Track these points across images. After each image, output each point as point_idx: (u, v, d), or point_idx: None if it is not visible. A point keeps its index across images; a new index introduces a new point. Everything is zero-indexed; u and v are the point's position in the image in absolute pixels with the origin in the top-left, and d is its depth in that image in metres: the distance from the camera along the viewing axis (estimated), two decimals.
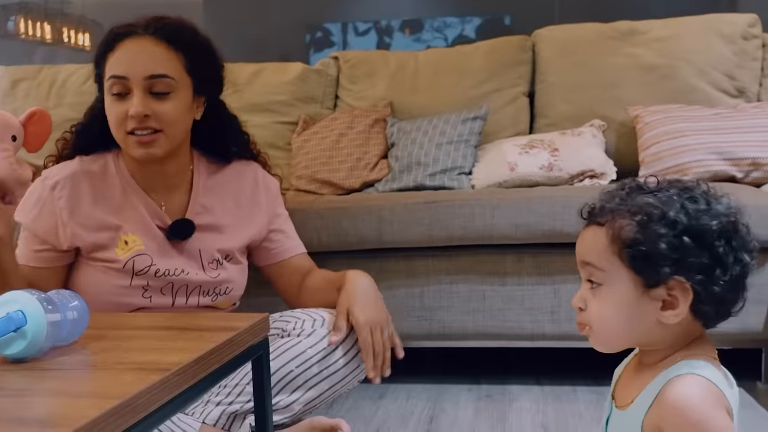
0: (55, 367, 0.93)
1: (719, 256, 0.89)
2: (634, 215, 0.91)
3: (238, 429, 1.53)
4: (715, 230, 0.89)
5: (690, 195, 0.91)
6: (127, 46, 1.50)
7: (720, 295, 0.90)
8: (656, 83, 2.56)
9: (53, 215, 1.53)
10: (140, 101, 1.47)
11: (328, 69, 2.88)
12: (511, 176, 2.28)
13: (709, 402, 0.87)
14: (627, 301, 0.93)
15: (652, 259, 0.89)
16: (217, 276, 1.60)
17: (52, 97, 2.93)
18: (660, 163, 2.23)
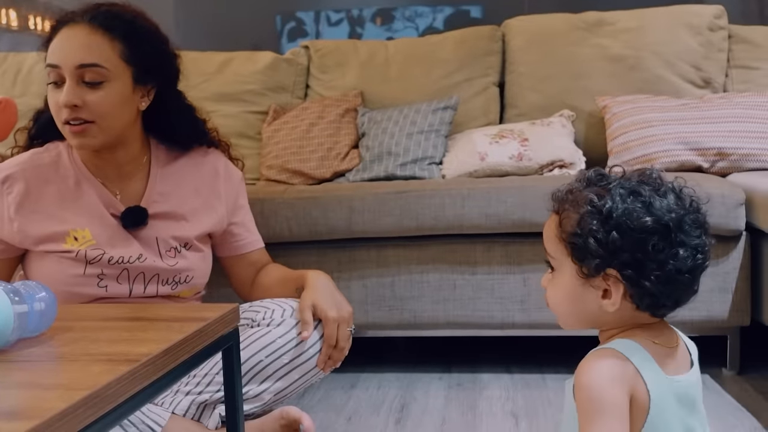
0: (23, 358, 0.93)
1: (651, 252, 0.91)
2: (579, 207, 0.95)
3: (208, 419, 1.53)
4: (649, 227, 0.91)
5: (636, 189, 0.93)
6: (63, 34, 1.47)
7: (652, 289, 0.92)
8: (624, 74, 2.59)
9: (1, 209, 1.51)
10: (69, 91, 1.44)
11: (299, 58, 2.87)
12: (481, 166, 2.29)
13: (605, 374, 0.90)
14: (571, 287, 0.98)
15: (585, 251, 0.94)
16: (175, 264, 1.57)
17: (18, 86, 2.89)
18: (628, 153, 2.26)
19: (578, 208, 0.95)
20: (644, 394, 0.91)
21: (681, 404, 0.94)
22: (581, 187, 0.98)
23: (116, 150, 1.54)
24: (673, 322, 1.00)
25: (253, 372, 1.52)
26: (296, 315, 1.55)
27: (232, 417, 1.20)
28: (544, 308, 2.04)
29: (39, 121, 1.61)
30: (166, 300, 1.59)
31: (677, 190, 0.96)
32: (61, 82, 1.46)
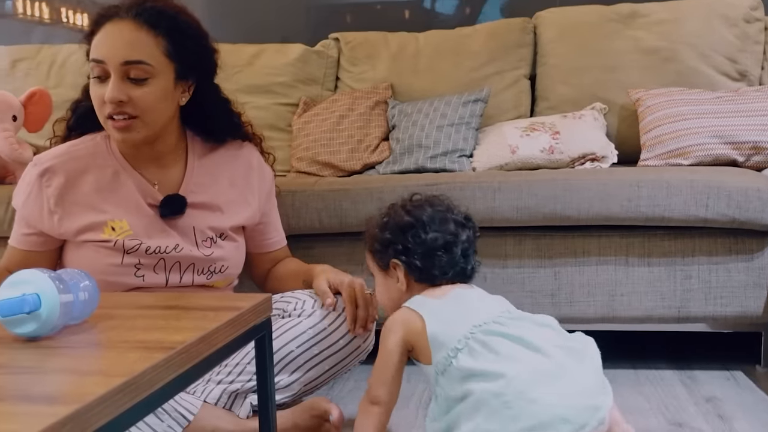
0: (64, 345, 0.94)
1: (410, 238, 1.34)
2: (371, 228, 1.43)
3: (239, 408, 1.54)
4: (406, 222, 1.35)
5: (403, 204, 1.40)
6: (107, 29, 1.48)
7: (421, 266, 1.34)
8: (658, 66, 2.55)
9: (40, 202, 1.54)
10: (115, 87, 1.45)
11: (329, 50, 2.87)
12: (512, 159, 2.28)
13: (388, 327, 1.30)
14: (382, 284, 1.43)
15: (376, 251, 1.40)
16: (211, 253, 1.59)
17: (52, 77, 2.92)
18: (661, 147, 2.23)
19: (371, 226, 1.42)
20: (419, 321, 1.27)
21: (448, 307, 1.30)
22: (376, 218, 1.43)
23: (155, 142, 1.56)
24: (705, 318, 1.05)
25: (284, 362, 1.53)
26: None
27: (264, 406, 1.21)
28: (575, 302, 2.03)
29: (77, 112, 1.63)
30: (201, 289, 1.61)
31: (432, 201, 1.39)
32: (105, 77, 1.47)
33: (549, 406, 1.12)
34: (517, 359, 1.18)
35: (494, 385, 1.15)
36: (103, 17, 1.50)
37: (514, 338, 1.22)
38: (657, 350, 2.27)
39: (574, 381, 1.18)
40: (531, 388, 1.14)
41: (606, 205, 1.94)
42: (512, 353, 1.19)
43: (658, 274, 1.99)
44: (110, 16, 1.49)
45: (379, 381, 1.30)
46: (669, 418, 1.73)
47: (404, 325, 1.29)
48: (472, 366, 1.19)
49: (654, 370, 2.08)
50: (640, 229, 1.99)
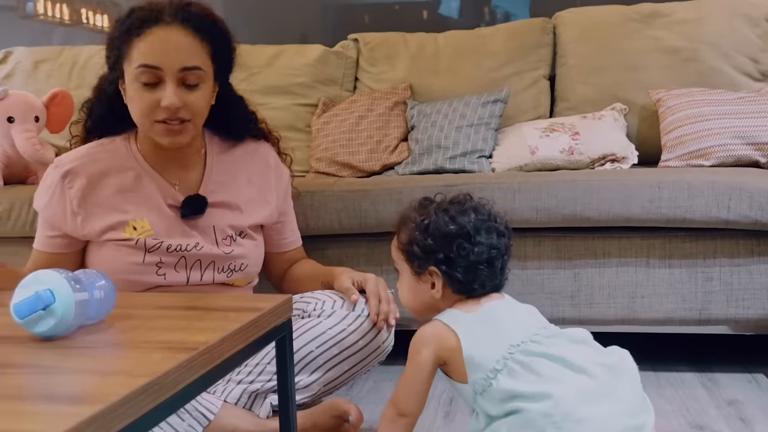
0: (84, 345, 0.95)
1: (455, 250, 1.26)
2: (408, 224, 1.33)
3: (259, 407, 1.55)
4: (452, 232, 1.27)
5: (444, 208, 1.30)
6: (157, 35, 1.47)
7: (461, 277, 1.27)
8: (679, 66, 2.54)
9: (63, 203, 1.55)
10: (174, 93, 1.46)
11: (348, 51, 2.88)
12: (531, 160, 2.27)
13: (420, 340, 1.26)
14: (411, 284, 1.35)
15: (413, 255, 1.31)
16: (231, 251, 1.60)
17: (74, 78, 2.95)
18: (682, 147, 2.21)
19: (408, 225, 1.33)
20: (454, 339, 1.23)
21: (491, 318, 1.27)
22: (411, 211, 1.35)
23: (183, 145, 1.57)
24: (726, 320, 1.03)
25: (303, 362, 1.53)
26: (346, 306, 1.55)
27: (285, 406, 1.21)
28: (594, 304, 2.02)
29: (93, 115, 1.63)
30: (221, 288, 1.62)
31: (477, 207, 1.31)
32: (155, 82, 1.47)
33: (595, 427, 1.13)
34: (560, 380, 1.17)
35: (541, 405, 1.14)
36: (147, 22, 1.47)
37: (555, 358, 1.20)
38: (678, 352, 2.25)
39: (618, 399, 1.17)
40: (577, 408, 1.14)
41: (627, 207, 1.93)
42: (555, 374, 1.18)
43: (679, 276, 1.97)
44: (156, 21, 1.47)
45: (409, 393, 1.28)
46: (690, 421, 1.72)
47: (438, 340, 1.26)
48: (513, 387, 1.18)
49: (675, 372, 2.06)
50: (661, 231, 1.97)
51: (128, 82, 1.51)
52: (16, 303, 0.94)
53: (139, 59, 1.47)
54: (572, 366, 1.18)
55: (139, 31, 1.47)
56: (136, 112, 1.51)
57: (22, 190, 2.27)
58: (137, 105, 1.50)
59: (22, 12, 7.48)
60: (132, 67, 1.48)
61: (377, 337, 1.56)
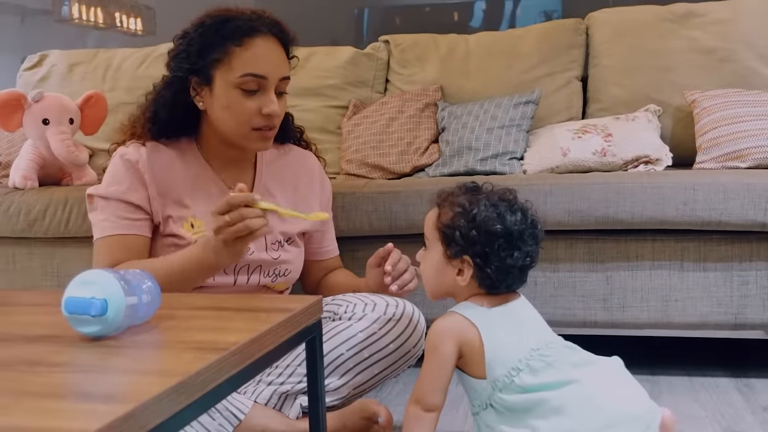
0: (124, 344, 0.96)
1: (495, 249, 1.27)
2: (454, 207, 1.31)
3: (289, 408, 1.55)
4: (498, 231, 1.27)
5: (494, 203, 1.29)
6: (261, 45, 1.52)
7: (492, 276, 1.28)
8: (714, 67, 2.50)
9: (143, 187, 1.56)
10: (275, 101, 1.52)
11: (379, 53, 2.88)
12: (563, 162, 2.25)
13: (442, 332, 1.28)
14: (438, 263, 1.34)
15: (452, 240, 1.30)
16: (278, 257, 1.63)
17: (108, 81, 2.98)
18: (718, 149, 2.18)
19: (454, 208, 1.31)
20: (475, 334, 1.26)
21: (511, 321, 1.29)
22: (459, 193, 1.34)
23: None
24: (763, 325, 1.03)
25: (333, 365, 1.53)
26: (378, 309, 1.55)
27: (315, 408, 1.21)
28: (627, 307, 2.00)
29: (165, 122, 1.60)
30: (262, 291, 1.64)
31: (524, 210, 1.31)
32: (255, 90, 1.51)
33: (623, 405, 1.20)
34: (581, 369, 1.23)
35: (569, 389, 1.20)
36: (248, 31, 1.51)
37: (572, 357, 1.26)
38: (712, 357, 2.22)
39: (635, 386, 1.26)
40: (604, 387, 1.21)
41: (660, 209, 1.91)
42: (574, 368, 1.24)
43: (714, 280, 1.95)
44: (256, 31, 1.52)
45: (434, 388, 1.29)
46: (725, 427, 1.70)
47: (459, 333, 1.27)
48: (537, 382, 1.21)
49: (709, 377, 2.03)
50: (696, 234, 1.95)
51: (224, 88, 1.52)
52: (68, 297, 0.95)
53: (245, 68, 1.50)
54: (587, 361, 1.26)
55: (240, 40, 1.51)
56: (232, 119, 1.53)
57: (57, 191, 2.30)
58: (236, 112, 1.52)
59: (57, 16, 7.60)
60: (233, 75, 1.50)
61: (408, 341, 1.55)
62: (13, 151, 2.64)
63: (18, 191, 2.36)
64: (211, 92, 1.54)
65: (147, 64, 2.98)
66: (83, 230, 2.23)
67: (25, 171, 2.39)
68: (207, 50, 1.52)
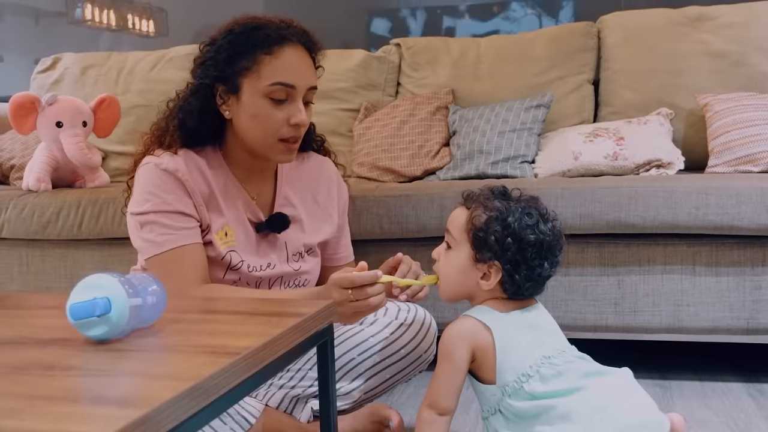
0: (133, 348, 0.96)
1: (527, 258, 1.27)
2: (488, 211, 1.29)
3: (300, 412, 1.56)
4: (531, 241, 1.27)
5: (529, 212, 1.29)
6: (290, 54, 1.50)
7: (519, 283, 1.28)
8: (727, 71, 2.49)
9: (188, 195, 1.52)
10: (303, 111, 1.51)
11: (390, 56, 2.88)
12: (575, 165, 2.25)
13: (456, 336, 1.28)
14: (462, 265, 1.32)
15: (484, 244, 1.28)
16: (298, 268, 1.63)
17: (121, 84, 2.99)
18: (730, 153, 2.17)
19: (487, 212, 1.29)
20: (488, 339, 1.26)
21: (525, 327, 1.29)
22: (490, 196, 1.32)
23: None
24: None
25: (344, 369, 1.54)
26: (389, 314, 1.55)
27: (326, 412, 1.21)
28: (638, 311, 1.99)
29: (195, 131, 1.57)
30: None
31: (552, 220, 1.32)
32: (284, 99, 1.50)
33: (631, 414, 1.20)
34: (590, 379, 1.23)
35: (576, 396, 1.20)
36: (277, 39, 1.50)
37: (583, 367, 1.26)
38: (724, 362, 2.21)
39: (644, 397, 1.26)
40: (613, 396, 1.22)
41: (673, 213, 1.90)
42: (584, 377, 1.24)
43: (727, 284, 1.94)
44: (285, 40, 1.50)
45: (448, 392, 1.28)
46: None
47: (473, 337, 1.27)
48: (545, 389, 1.21)
49: (721, 382, 2.02)
50: (708, 238, 1.94)
51: (252, 97, 1.50)
52: (73, 305, 0.96)
53: (275, 76, 1.48)
54: (598, 371, 1.26)
55: (270, 48, 1.49)
56: (259, 128, 1.51)
57: (70, 194, 2.31)
58: (264, 121, 1.50)
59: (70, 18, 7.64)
60: (262, 84, 1.48)
61: (419, 345, 1.55)
62: (27, 154, 2.66)
63: (31, 193, 2.37)
64: (238, 101, 1.51)
65: (159, 67, 2.99)
66: (95, 233, 2.24)
67: (39, 173, 2.40)
68: (235, 58, 1.50)
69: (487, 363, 1.27)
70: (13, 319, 1.20)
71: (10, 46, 8.85)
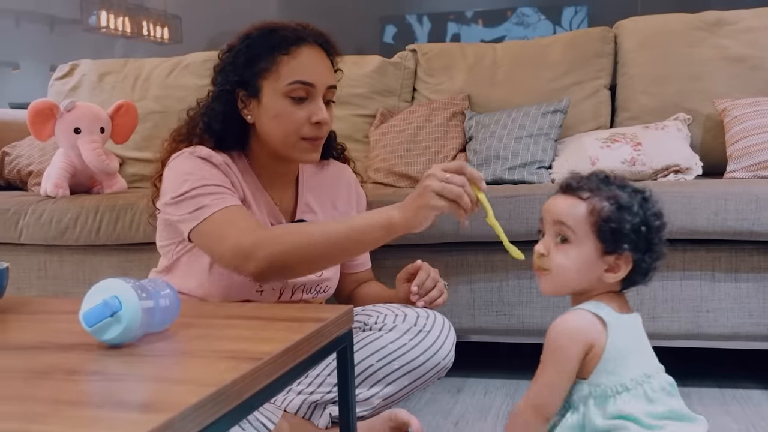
0: (152, 353, 0.96)
1: (654, 245, 1.19)
2: (610, 200, 1.19)
3: (319, 418, 1.55)
4: (656, 227, 1.20)
5: (645, 197, 1.21)
6: (308, 54, 1.53)
7: (645, 271, 1.20)
8: (745, 75, 2.48)
9: (226, 175, 1.53)
10: (323, 109, 1.52)
11: (406, 62, 2.88)
12: (592, 171, 2.23)
13: (572, 331, 1.16)
14: (586, 259, 1.20)
15: (616, 235, 1.17)
16: (321, 275, 1.63)
17: (137, 90, 3.01)
18: (749, 158, 2.16)
19: (611, 201, 1.18)
20: (603, 338, 1.15)
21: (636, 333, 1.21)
22: (600, 182, 1.21)
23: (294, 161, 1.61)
24: None
25: (363, 376, 1.53)
26: (408, 321, 1.55)
27: (345, 417, 1.21)
28: (656, 317, 1.98)
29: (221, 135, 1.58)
30: (299, 304, 1.63)
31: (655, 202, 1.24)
32: (304, 98, 1.52)
33: None
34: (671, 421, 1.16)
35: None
36: (293, 41, 1.52)
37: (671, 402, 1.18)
38: (744, 369, 2.19)
39: None
40: None
41: (691, 219, 1.89)
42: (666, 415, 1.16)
43: (746, 290, 1.92)
44: (302, 40, 1.53)
45: (556, 394, 1.17)
46: None
47: (589, 334, 1.16)
48: (631, 411, 1.14)
49: (741, 389, 2.01)
50: (727, 244, 1.92)
51: (272, 98, 1.52)
52: (84, 312, 0.96)
53: (293, 75, 1.51)
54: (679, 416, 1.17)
55: (287, 49, 1.52)
56: (281, 129, 1.53)
57: (88, 200, 2.32)
58: (285, 121, 1.52)
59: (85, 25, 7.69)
60: (281, 84, 1.51)
61: (438, 352, 1.54)
62: (45, 160, 2.68)
63: (50, 199, 2.38)
64: (259, 104, 1.53)
65: (176, 73, 3.00)
66: (113, 238, 2.25)
67: (57, 179, 2.42)
68: (254, 61, 1.53)
69: (589, 361, 1.17)
70: (34, 324, 1.20)
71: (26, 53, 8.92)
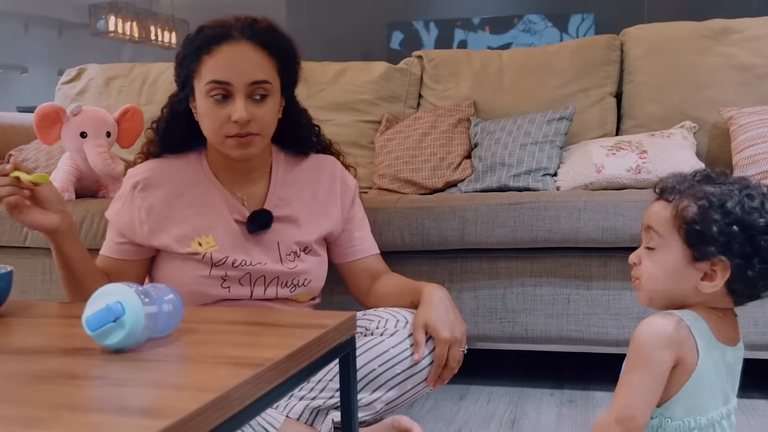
0: (154, 358, 0.96)
1: (760, 247, 1.04)
2: (698, 200, 1.07)
3: (321, 424, 1.55)
4: (761, 226, 1.04)
5: (749, 192, 1.06)
6: (227, 51, 1.52)
7: (752, 279, 1.05)
8: (752, 84, 2.47)
9: (132, 212, 1.59)
10: (244, 107, 1.50)
11: (412, 68, 2.88)
12: (597, 178, 2.23)
13: (662, 335, 1.06)
14: (675, 266, 1.09)
15: (703, 238, 1.06)
16: (294, 267, 1.62)
17: (144, 95, 3.02)
18: (755, 167, 2.15)
19: (699, 201, 1.07)
20: (693, 356, 1.05)
21: (725, 370, 1.10)
22: (695, 181, 1.11)
23: (253, 158, 1.60)
24: None
25: (365, 380, 1.53)
26: (410, 327, 1.55)
27: (348, 424, 1.21)
28: None
29: (172, 134, 1.65)
30: (285, 302, 1.63)
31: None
32: (226, 97, 1.52)
33: None
34: None
35: None
36: (215, 39, 1.52)
37: None
38: (748, 378, 2.17)
39: None
40: None
41: None
42: None
43: None
44: (225, 38, 1.52)
45: (647, 405, 1.07)
46: None
47: (680, 344, 1.06)
48: None
49: (746, 399, 1.99)
50: None
51: (199, 98, 1.55)
52: (87, 316, 0.97)
53: (210, 75, 1.52)
54: None
55: (209, 48, 1.52)
56: (207, 128, 1.56)
57: (94, 203, 2.33)
58: (208, 120, 1.54)
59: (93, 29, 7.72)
60: (202, 84, 1.53)
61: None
62: (51, 164, 2.68)
63: None
64: (195, 102, 1.58)
65: (175, 77, 3.01)
66: None
67: (63, 183, 2.42)
68: (186, 61, 1.56)
69: (673, 379, 1.07)
70: (37, 327, 1.21)
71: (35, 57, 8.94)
